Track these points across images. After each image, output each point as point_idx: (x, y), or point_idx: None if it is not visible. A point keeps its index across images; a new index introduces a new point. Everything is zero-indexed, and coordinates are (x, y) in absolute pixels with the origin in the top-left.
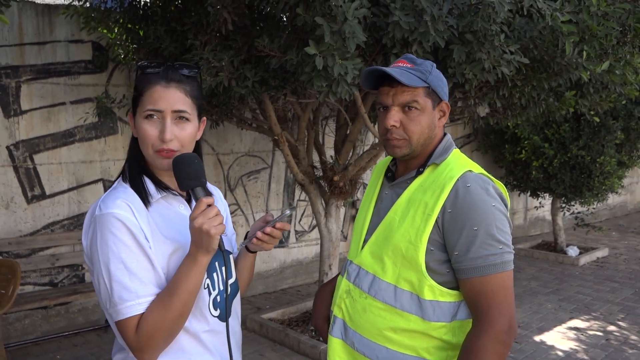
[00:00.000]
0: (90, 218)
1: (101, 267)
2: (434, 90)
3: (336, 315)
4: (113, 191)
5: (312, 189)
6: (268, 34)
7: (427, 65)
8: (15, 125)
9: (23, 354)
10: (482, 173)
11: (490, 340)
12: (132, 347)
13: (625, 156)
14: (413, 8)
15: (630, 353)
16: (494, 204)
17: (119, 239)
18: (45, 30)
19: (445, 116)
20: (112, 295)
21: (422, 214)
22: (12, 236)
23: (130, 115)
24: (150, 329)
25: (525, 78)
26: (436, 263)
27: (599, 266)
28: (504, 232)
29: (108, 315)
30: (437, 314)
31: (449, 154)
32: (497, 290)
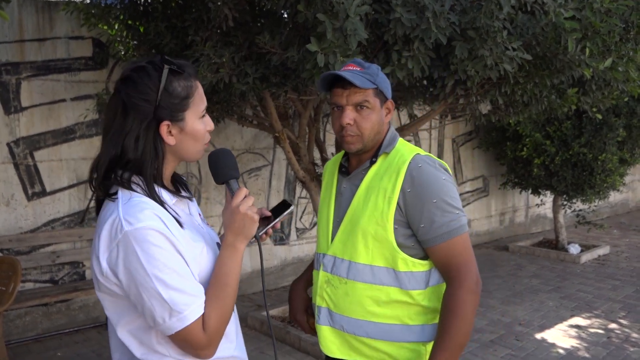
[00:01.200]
0: (114, 235)
1: (151, 281)
2: (381, 90)
3: (320, 306)
4: (130, 204)
5: (313, 186)
6: (269, 31)
7: (374, 68)
8: (15, 122)
9: (24, 351)
10: (428, 155)
11: (466, 293)
12: (202, 346)
13: (627, 153)
14: (415, 5)
15: (632, 351)
16: (444, 178)
17: (163, 249)
18: (46, 27)
19: (391, 113)
20: (174, 304)
21: (384, 197)
22: (13, 233)
23: (168, 126)
24: (216, 323)
25: (528, 75)
26: (403, 238)
27: (600, 264)
28: (456, 199)
29: (166, 328)
30: (412, 283)
31: (396, 143)
32: (462, 249)
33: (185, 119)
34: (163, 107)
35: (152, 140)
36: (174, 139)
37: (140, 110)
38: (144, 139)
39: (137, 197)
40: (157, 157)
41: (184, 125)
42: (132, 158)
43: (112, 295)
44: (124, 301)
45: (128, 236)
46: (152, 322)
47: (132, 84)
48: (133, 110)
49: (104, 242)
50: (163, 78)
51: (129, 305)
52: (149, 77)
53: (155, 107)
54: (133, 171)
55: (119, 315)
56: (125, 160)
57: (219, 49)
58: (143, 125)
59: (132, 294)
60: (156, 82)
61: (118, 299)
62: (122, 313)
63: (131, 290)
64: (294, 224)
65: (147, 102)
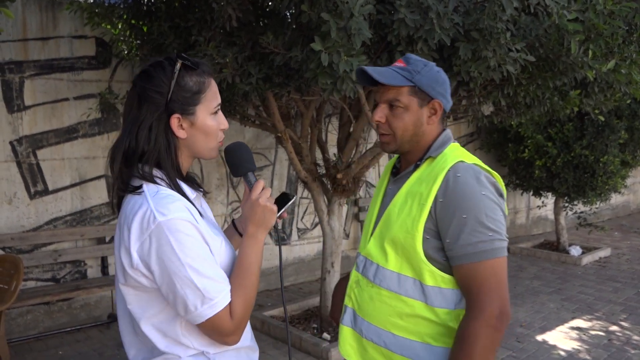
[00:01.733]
0: (146, 226)
1: (185, 270)
2: (422, 89)
3: (347, 305)
4: (158, 196)
5: (315, 187)
6: (272, 31)
7: (418, 65)
8: (18, 120)
9: (25, 350)
10: (475, 163)
11: (481, 326)
12: (229, 333)
13: (628, 156)
14: (419, 5)
15: (633, 353)
16: (484, 193)
17: (195, 239)
18: (49, 26)
19: (437, 114)
20: (207, 291)
21: (418, 204)
22: (15, 231)
23: (179, 119)
24: (242, 310)
25: (530, 77)
26: (433, 250)
27: (601, 266)
28: (495, 220)
29: (197, 316)
30: (439, 300)
31: (445, 147)
32: (487, 276)
33: (196, 113)
34: (174, 100)
35: (163, 132)
36: (184, 133)
37: (153, 101)
38: (156, 130)
39: (164, 190)
40: (169, 149)
41: (195, 120)
42: (146, 150)
43: (138, 289)
44: (149, 294)
45: (162, 226)
46: (184, 310)
47: (147, 77)
48: (147, 102)
49: (134, 233)
50: (176, 71)
51: (154, 298)
52: (164, 71)
53: (167, 100)
54: (153, 165)
55: (143, 309)
56: (141, 152)
57: (222, 49)
58: (155, 116)
59: (165, 283)
60: (169, 76)
61: (143, 292)
62: (146, 306)
63: (164, 279)
64: (295, 224)
65: (159, 94)
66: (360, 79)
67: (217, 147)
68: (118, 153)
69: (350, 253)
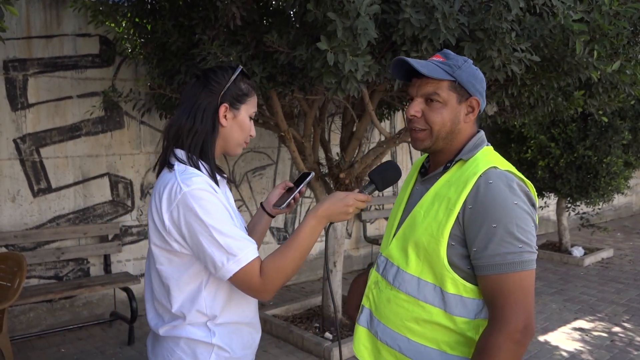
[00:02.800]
0: (174, 196)
1: (210, 231)
2: (462, 84)
3: (364, 305)
4: (185, 173)
5: (317, 186)
6: (277, 30)
7: (458, 60)
8: (22, 118)
9: (28, 347)
10: (508, 170)
11: (505, 340)
12: (258, 288)
13: (632, 157)
14: (424, 5)
15: (636, 355)
16: (516, 202)
17: (216, 205)
18: (53, 24)
19: (474, 112)
20: (230, 248)
21: (445, 208)
22: (18, 229)
23: (227, 108)
24: (273, 272)
25: (535, 77)
26: (458, 258)
27: (603, 267)
28: (525, 231)
29: (225, 272)
30: (459, 309)
31: (478, 151)
32: (514, 289)
33: (240, 109)
34: (228, 93)
35: (211, 117)
36: (227, 122)
37: (212, 89)
38: (208, 112)
39: (191, 169)
40: (213, 132)
41: (238, 114)
42: (197, 129)
43: (170, 252)
44: (179, 258)
45: (186, 195)
46: (213, 267)
47: (212, 71)
48: (206, 88)
49: (165, 204)
50: (236, 72)
51: (183, 263)
52: (226, 70)
53: (223, 90)
54: (192, 150)
55: (172, 270)
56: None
57: (226, 47)
58: (209, 100)
59: (195, 245)
60: (230, 74)
61: (174, 256)
62: (175, 268)
63: (193, 242)
64: (297, 224)
65: (218, 85)
66: (395, 71)
67: (243, 145)
68: (173, 129)
69: (353, 253)
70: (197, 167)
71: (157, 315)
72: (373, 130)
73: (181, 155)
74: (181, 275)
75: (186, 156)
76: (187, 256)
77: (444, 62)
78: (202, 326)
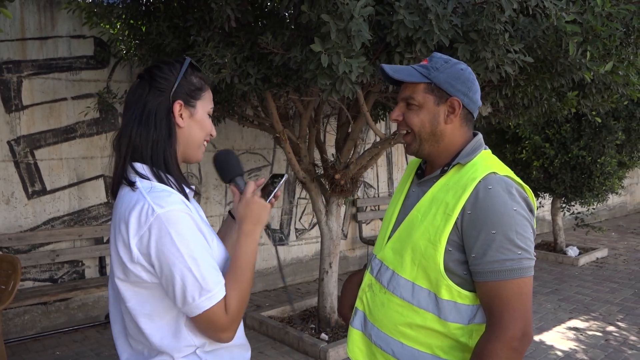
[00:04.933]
0: (145, 219)
1: (185, 261)
2: (438, 86)
3: (357, 308)
4: (154, 191)
5: (313, 187)
6: (271, 31)
7: (438, 62)
8: (16, 120)
9: (22, 350)
10: (507, 175)
11: (502, 347)
12: (225, 328)
13: (625, 157)
14: (417, 7)
15: (630, 354)
16: (515, 208)
17: (193, 231)
18: (47, 25)
19: (455, 112)
20: (205, 282)
21: (443, 213)
22: (13, 232)
23: (181, 106)
24: (237, 306)
25: (528, 78)
26: (455, 263)
27: (598, 266)
28: (525, 238)
29: (195, 308)
30: (453, 315)
31: (476, 155)
32: (512, 296)
33: (197, 106)
34: (179, 90)
35: (165, 119)
36: (183, 122)
37: (160, 87)
38: (160, 115)
39: (158, 185)
40: (170, 137)
41: (195, 112)
42: (152, 138)
43: (138, 284)
44: (149, 290)
45: (160, 218)
46: (182, 301)
47: (157, 68)
48: (154, 88)
49: (133, 228)
50: (184, 66)
51: (155, 294)
52: (172, 65)
53: (174, 87)
54: (152, 160)
55: (142, 305)
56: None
57: (221, 49)
58: (159, 100)
59: (164, 275)
60: (178, 68)
61: (143, 288)
62: (145, 302)
63: (163, 271)
64: (293, 225)
65: (166, 81)
66: (385, 77)
67: (203, 148)
68: (124, 140)
69: (348, 253)
70: (163, 182)
71: (136, 353)
72: (368, 131)
73: (143, 170)
74: (154, 310)
75: (150, 171)
76: (158, 286)
77: (424, 65)
78: (192, 356)
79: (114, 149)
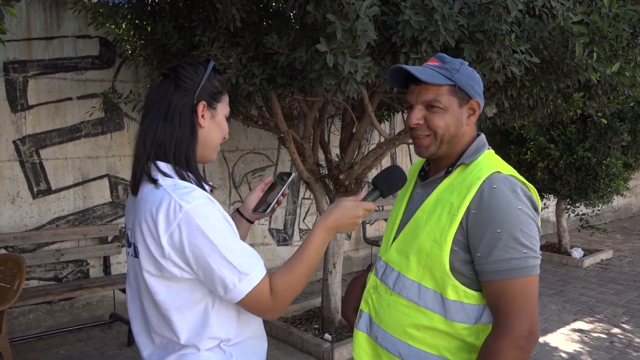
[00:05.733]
0: (173, 216)
1: (219, 250)
2: (461, 88)
3: (363, 310)
4: (178, 188)
5: (317, 187)
6: (277, 31)
7: (455, 63)
8: (22, 119)
9: (27, 349)
10: (512, 174)
11: (509, 345)
12: (269, 308)
13: (631, 158)
14: (423, 7)
15: (635, 356)
16: (520, 207)
17: (221, 221)
18: (53, 25)
19: (476, 114)
20: (241, 266)
21: (448, 213)
22: (18, 231)
23: (204, 106)
24: (283, 290)
25: (534, 78)
26: (460, 263)
27: (603, 268)
28: (530, 236)
29: (237, 292)
30: (460, 315)
31: (480, 155)
32: (518, 294)
33: (217, 109)
34: (203, 91)
35: (189, 117)
36: (205, 123)
37: (185, 87)
38: (184, 114)
39: (180, 182)
40: (192, 136)
41: (215, 114)
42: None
43: (170, 279)
44: (179, 284)
45: (189, 213)
46: (224, 289)
47: (182, 68)
48: (179, 87)
49: (162, 226)
50: (209, 68)
51: (184, 288)
52: (197, 66)
53: (198, 88)
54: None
55: (172, 299)
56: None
57: (226, 49)
58: (184, 100)
59: (202, 268)
60: (202, 70)
61: (173, 282)
62: (176, 296)
63: (200, 264)
64: (297, 225)
65: (192, 82)
66: (391, 78)
67: (218, 148)
68: (149, 137)
69: (352, 254)
70: (185, 179)
71: (159, 348)
72: (373, 132)
73: (166, 169)
74: (183, 303)
75: (172, 169)
76: (188, 281)
77: (441, 66)
78: (216, 348)
79: (136, 145)
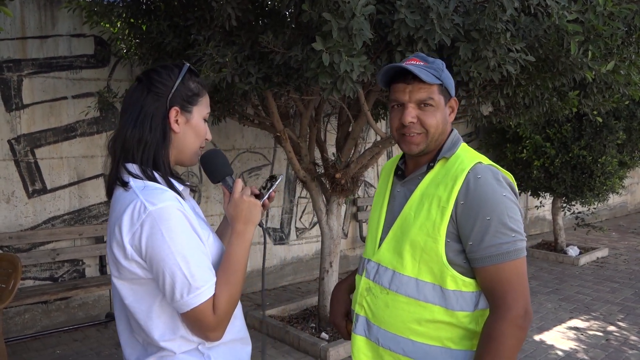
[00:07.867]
0: (137, 216)
1: (175, 257)
2: (446, 87)
3: (358, 314)
4: (147, 189)
5: (313, 186)
6: (272, 30)
7: (438, 63)
8: (16, 119)
9: (23, 349)
10: (491, 164)
11: (509, 326)
12: (212, 327)
13: (626, 156)
14: (419, 6)
15: (630, 353)
16: (504, 194)
17: (185, 228)
18: (48, 24)
19: (454, 112)
20: (193, 280)
21: (437, 207)
22: (13, 230)
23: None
24: (226, 306)
25: (530, 77)
26: (454, 254)
27: (598, 266)
28: (516, 221)
29: (183, 305)
30: (460, 304)
31: (457, 148)
32: (512, 277)
33: (193, 112)
34: (176, 95)
35: (161, 123)
36: (179, 128)
37: (158, 92)
38: (156, 119)
39: (150, 184)
40: (164, 141)
41: (190, 118)
42: (146, 139)
43: (134, 281)
44: (145, 286)
45: (152, 215)
46: (171, 297)
47: (155, 72)
48: (151, 92)
49: (126, 226)
50: (183, 71)
51: (151, 290)
52: (171, 70)
53: (171, 93)
54: (144, 161)
55: (140, 302)
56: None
57: (221, 48)
58: (156, 105)
59: (155, 270)
60: (176, 73)
61: (139, 285)
62: (142, 299)
63: (154, 266)
64: (293, 224)
65: (164, 87)
66: (381, 78)
67: (199, 152)
68: (119, 141)
69: (349, 253)
70: (154, 180)
71: (139, 348)
72: (369, 130)
73: (134, 170)
74: (151, 306)
75: (140, 170)
76: (153, 282)
77: (428, 66)
78: (194, 352)
79: (108, 150)
